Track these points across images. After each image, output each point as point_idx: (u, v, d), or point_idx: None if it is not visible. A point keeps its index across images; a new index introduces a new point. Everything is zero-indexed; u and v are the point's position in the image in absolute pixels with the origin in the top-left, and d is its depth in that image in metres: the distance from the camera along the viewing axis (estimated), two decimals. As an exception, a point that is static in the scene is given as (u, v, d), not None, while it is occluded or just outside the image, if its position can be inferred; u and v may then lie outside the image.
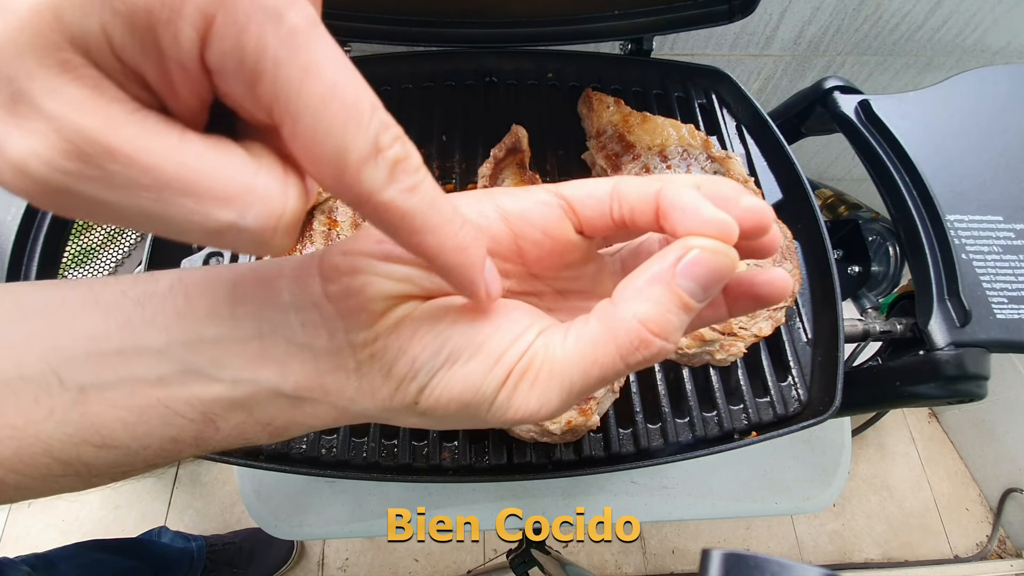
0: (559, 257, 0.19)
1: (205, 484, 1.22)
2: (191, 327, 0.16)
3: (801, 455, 0.57)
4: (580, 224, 0.19)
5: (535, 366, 0.17)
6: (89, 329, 0.16)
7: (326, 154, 0.12)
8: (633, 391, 0.45)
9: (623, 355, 0.16)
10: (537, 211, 0.18)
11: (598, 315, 0.17)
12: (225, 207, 0.12)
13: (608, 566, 1.18)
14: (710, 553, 0.17)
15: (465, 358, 0.17)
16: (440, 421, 0.18)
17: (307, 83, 0.12)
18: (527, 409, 0.17)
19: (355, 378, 0.17)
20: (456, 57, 0.59)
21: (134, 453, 0.16)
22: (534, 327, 0.18)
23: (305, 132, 0.12)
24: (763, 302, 0.19)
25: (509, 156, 0.52)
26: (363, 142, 0.13)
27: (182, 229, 0.12)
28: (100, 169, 0.11)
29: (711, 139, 0.53)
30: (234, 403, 0.16)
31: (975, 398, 0.39)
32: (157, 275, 0.17)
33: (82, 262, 0.82)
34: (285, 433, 0.18)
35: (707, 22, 0.56)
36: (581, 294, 0.21)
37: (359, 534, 0.52)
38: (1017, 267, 0.42)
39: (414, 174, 0.14)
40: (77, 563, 0.85)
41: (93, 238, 0.83)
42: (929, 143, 0.47)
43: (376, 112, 0.13)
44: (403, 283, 0.17)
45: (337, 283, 0.17)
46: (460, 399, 0.17)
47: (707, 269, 0.16)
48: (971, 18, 0.81)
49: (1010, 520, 1.23)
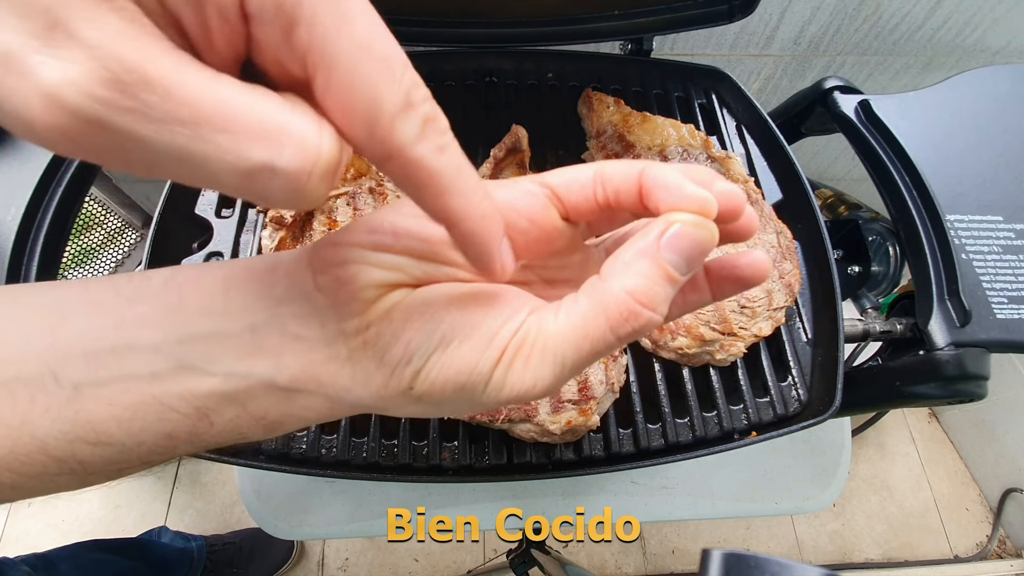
0: (546, 245, 0.19)
1: (205, 484, 1.22)
2: (184, 323, 0.16)
3: (801, 455, 0.57)
4: (565, 210, 0.19)
5: (528, 343, 0.17)
6: (83, 328, 0.16)
7: (360, 104, 0.12)
8: (633, 391, 0.45)
9: (613, 327, 0.17)
10: (523, 200, 0.19)
11: (587, 291, 0.17)
12: (260, 145, 0.12)
13: (608, 566, 1.18)
14: (710, 553, 0.17)
15: (459, 340, 0.17)
16: (436, 407, 0.18)
17: (345, 30, 0.12)
18: (522, 387, 0.17)
19: (348, 367, 0.17)
20: (456, 57, 0.59)
21: (129, 450, 0.16)
22: (525, 307, 0.18)
23: (340, 81, 0.12)
24: (745, 283, 0.20)
25: (509, 156, 0.52)
26: (397, 95, 0.13)
27: (214, 170, 0.12)
28: (137, 99, 0.11)
29: (711, 139, 0.53)
30: (228, 397, 0.17)
31: (975, 398, 0.39)
32: (150, 273, 0.17)
33: (82, 262, 0.82)
34: (280, 428, 0.18)
35: (707, 22, 0.56)
36: (569, 283, 0.21)
37: (359, 534, 0.52)
38: (1017, 267, 0.42)
39: (444, 135, 0.14)
40: (77, 563, 0.85)
41: (93, 238, 0.83)
42: (929, 143, 0.47)
43: (408, 69, 0.13)
44: (393, 271, 0.17)
45: (327, 274, 0.17)
46: (456, 381, 0.17)
47: (690, 242, 0.16)
48: (971, 18, 0.81)
49: (1010, 520, 1.23)
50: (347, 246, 0.17)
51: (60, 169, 0.43)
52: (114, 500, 1.20)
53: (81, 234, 0.81)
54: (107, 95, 0.11)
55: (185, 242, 0.48)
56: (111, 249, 0.86)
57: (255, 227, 0.49)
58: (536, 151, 0.54)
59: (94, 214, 0.82)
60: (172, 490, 1.21)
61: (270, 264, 0.18)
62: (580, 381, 0.42)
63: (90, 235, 0.83)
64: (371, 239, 0.17)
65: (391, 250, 0.17)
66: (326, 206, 0.47)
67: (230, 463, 0.40)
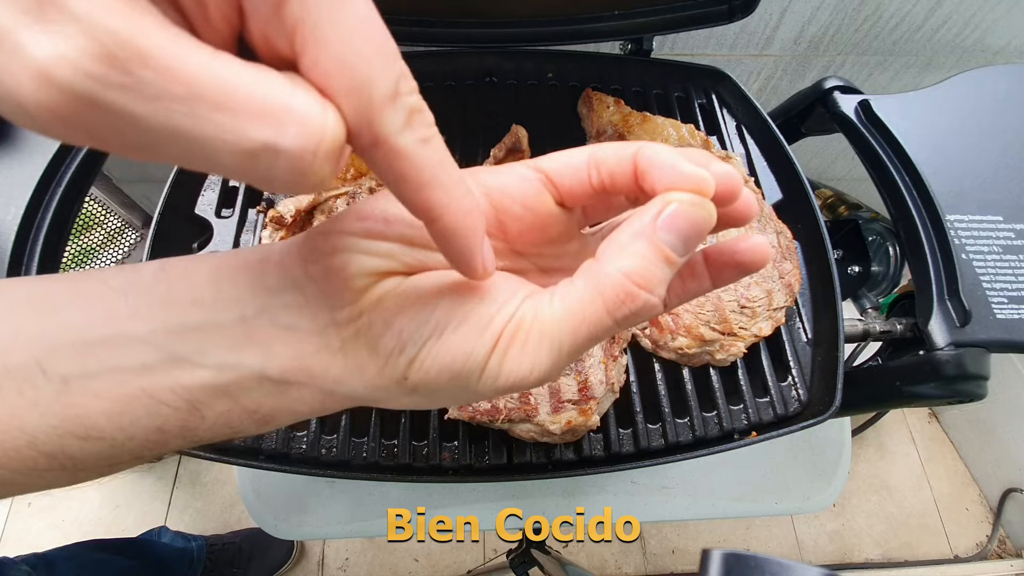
0: (541, 231, 0.19)
1: (205, 484, 1.22)
2: (174, 314, 0.16)
3: (801, 455, 0.57)
4: (560, 195, 0.19)
5: (524, 328, 0.17)
6: (72, 320, 0.16)
7: (350, 85, 0.12)
8: (633, 391, 0.45)
9: (610, 310, 0.16)
10: (517, 185, 0.18)
11: (583, 274, 0.17)
12: (261, 124, 0.11)
13: (608, 566, 1.18)
14: (710, 553, 0.17)
15: (453, 327, 0.17)
16: (430, 397, 0.18)
17: (340, 9, 0.12)
18: (519, 373, 0.17)
19: (341, 357, 0.17)
20: (456, 57, 0.59)
21: (119, 444, 0.16)
22: (520, 292, 0.18)
23: (331, 60, 0.12)
24: (745, 269, 0.19)
25: (509, 156, 0.52)
26: (388, 80, 0.12)
27: (214, 151, 0.12)
28: (131, 75, 0.11)
29: (711, 139, 0.53)
30: (219, 389, 0.16)
31: (975, 398, 0.39)
32: (140, 265, 0.17)
33: (82, 262, 0.82)
34: (272, 422, 0.18)
35: (707, 22, 0.56)
36: (564, 272, 0.21)
37: (359, 534, 0.52)
38: (1017, 267, 0.42)
39: (429, 127, 0.14)
40: (77, 563, 0.85)
41: (93, 238, 0.83)
42: (929, 143, 0.47)
43: (399, 58, 0.13)
44: (385, 259, 0.17)
45: (318, 263, 0.17)
46: (451, 368, 0.17)
47: (687, 221, 0.16)
48: (971, 18, 0.81)
49: (1010, 520, 1.23)
50: (338, 234, 0.17)
51: (60, 169, 0.43)
52: (114, 500, 1.20)
53: (81, 234, 0.81)
54: (100, 71, 0.10)
55: (185, 242, 0.48)
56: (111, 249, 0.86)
57: (255, 227, 0.49)
58: (536, 151, 0.54)
59: (94, 214, 0.82)
60: (172, 490, 1.21)
61: (261, 254, 0.17)
62: (580, 381, 0.42)
63: (90, 235, 0.83)
64: (362, 226, 0.17)
65: (383, 237, 0.17)
66: (326, 206, 0.47)
67: (230, 463, 0.40)
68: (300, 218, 0.47)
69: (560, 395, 0.41)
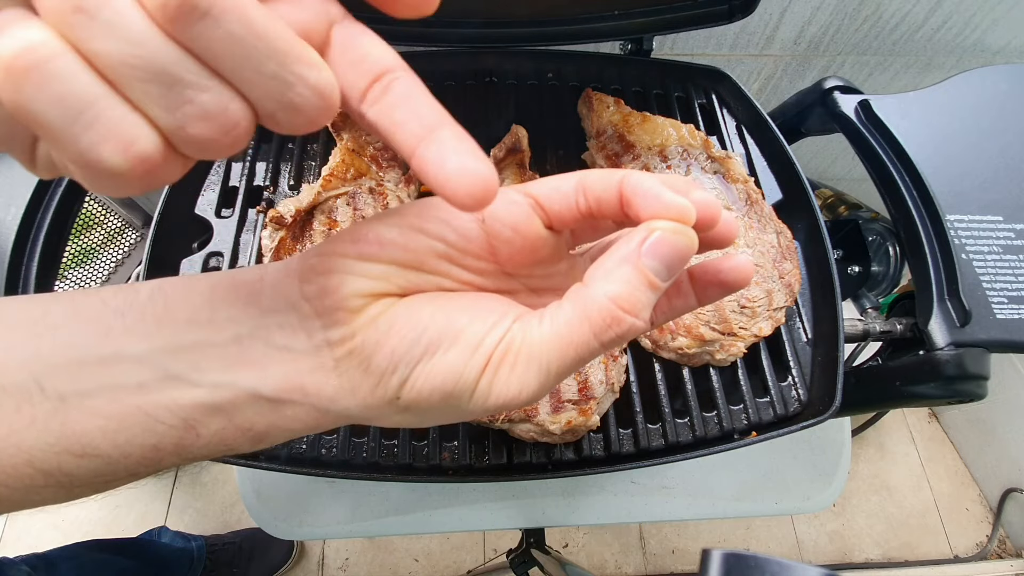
0: (530, 254, 0.20)
1: (205, 484, 1.22)
2: (170, 333, 0.16)
3: (801, 455, 0.57)
4: (549, 219, 0.19)
5: (513, 351, 0.17)
6: (70, 339, 0.16)
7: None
8: (633, 391, 0.45)
9: (596, 333, 0.17)
10: (506, 210, 0.19)
11: (571, 297, 0.18)
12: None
13: (608, 566, 1.18)
14: (710, 553, 0.17)
15: (444, 348, 0.17)
16: (421, 416, 0.18)
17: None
18: (507, 394, 0.17)
19: (334, 376, 0.17)
20: (456, 57, 0.59)
21: (115, 462, 0.16)
22: (510, 314, 0.18)
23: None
24: (729, 287, 0.20)
25: (509, 156, 0.52)
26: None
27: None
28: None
29: (711, 139, 0.53)
30: (214, 408, 0.17)
31: (975, 398, 0.39)
32: (138, 285, 0.18)
33: (82, 262, 0.82)
34: (267, 439, 0.18)
35: (707, 22, 0.55)
36: (554, 292, 0.22)
37: (359, 534, 0.52)
38: (1017, 267, 0.42)
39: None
40: (77, 563, 0.85)
41: (93, 238, 0.83)
42: (929, 143, 0.47)
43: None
44: (378, 281, 0.17)
45: (313, 283, 0.17)
46: (442, 389, 0.17)
47: (670, 248, 0.17)
48: (971, 18, 0.81)
49: (1010, 520, 1.23)
50: (333, 256, 0.17)
51: (60, 169, 0.43)
52: (114, 500, 1.20)
53: (81, 234, 0.81)
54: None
55: (185, 242, 0.48)
56: (111, 249, 0.86)
57: (255, 227, 0.49)
58: (536, 151, 0.54)
59: (94, 214, 0.82)
60: (172, 490, 1.21)
61: (257, 274, 0.18)
62: (580, 381, 0.42)
63: (90, 235, 0.82)
64: (356, 249, 0.17)
65: (377, 260, 0.17)
66: (326, 206, 0.47)
67: (230, 463, 0.40)
68: (300, 218, 0.47)
69: (560, 395, 0.41)
